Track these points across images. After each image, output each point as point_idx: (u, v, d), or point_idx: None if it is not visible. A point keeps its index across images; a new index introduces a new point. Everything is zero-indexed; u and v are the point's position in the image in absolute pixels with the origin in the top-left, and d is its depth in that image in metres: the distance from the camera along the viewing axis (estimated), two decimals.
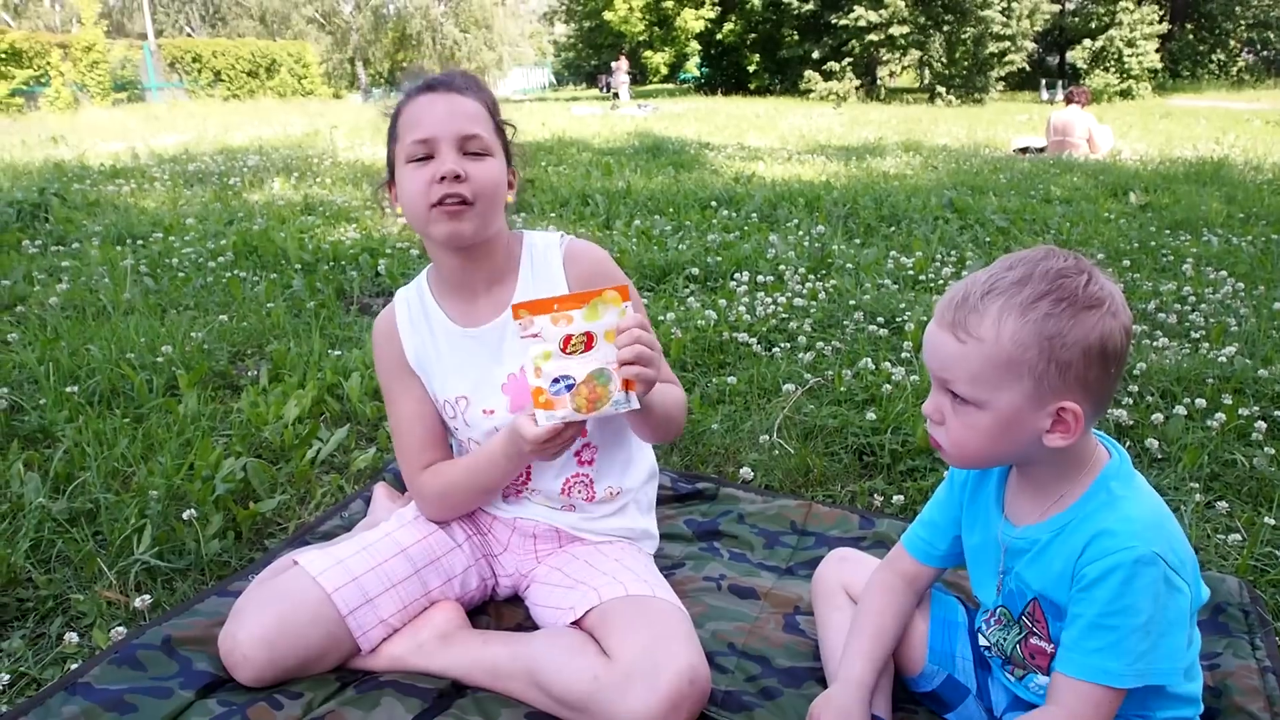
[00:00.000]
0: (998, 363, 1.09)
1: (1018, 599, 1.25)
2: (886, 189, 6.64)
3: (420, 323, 1.65)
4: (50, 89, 20.10)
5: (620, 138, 11.08)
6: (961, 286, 1.15)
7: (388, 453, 2.42)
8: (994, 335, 1.09)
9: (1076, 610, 1.12)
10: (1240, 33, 29.26)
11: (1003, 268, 1.13)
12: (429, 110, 1.51)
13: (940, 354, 1.14)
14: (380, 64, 37.88)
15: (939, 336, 1.15)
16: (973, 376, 1.11)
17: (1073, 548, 1.14)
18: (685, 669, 1.33)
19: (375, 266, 4.34)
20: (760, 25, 28.08)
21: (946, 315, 1.14)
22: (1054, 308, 1.08)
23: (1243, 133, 11.79)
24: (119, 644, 1.57)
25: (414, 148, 1.49)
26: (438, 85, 1.53)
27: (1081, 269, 1.10)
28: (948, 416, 1.16)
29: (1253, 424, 2.46)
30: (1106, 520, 1.12)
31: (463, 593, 1.65)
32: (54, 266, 4.30)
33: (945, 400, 1.16)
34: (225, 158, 8.96)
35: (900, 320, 3.42)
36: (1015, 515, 1.25)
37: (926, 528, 1.42)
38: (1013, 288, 1.09)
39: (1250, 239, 4.92)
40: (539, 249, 1.65)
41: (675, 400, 1.61)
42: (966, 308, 1.12)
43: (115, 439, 2.36)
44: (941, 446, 1.20)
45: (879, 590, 1.43)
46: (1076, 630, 1.12)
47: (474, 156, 1.51)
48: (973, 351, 1.11)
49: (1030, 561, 1.21)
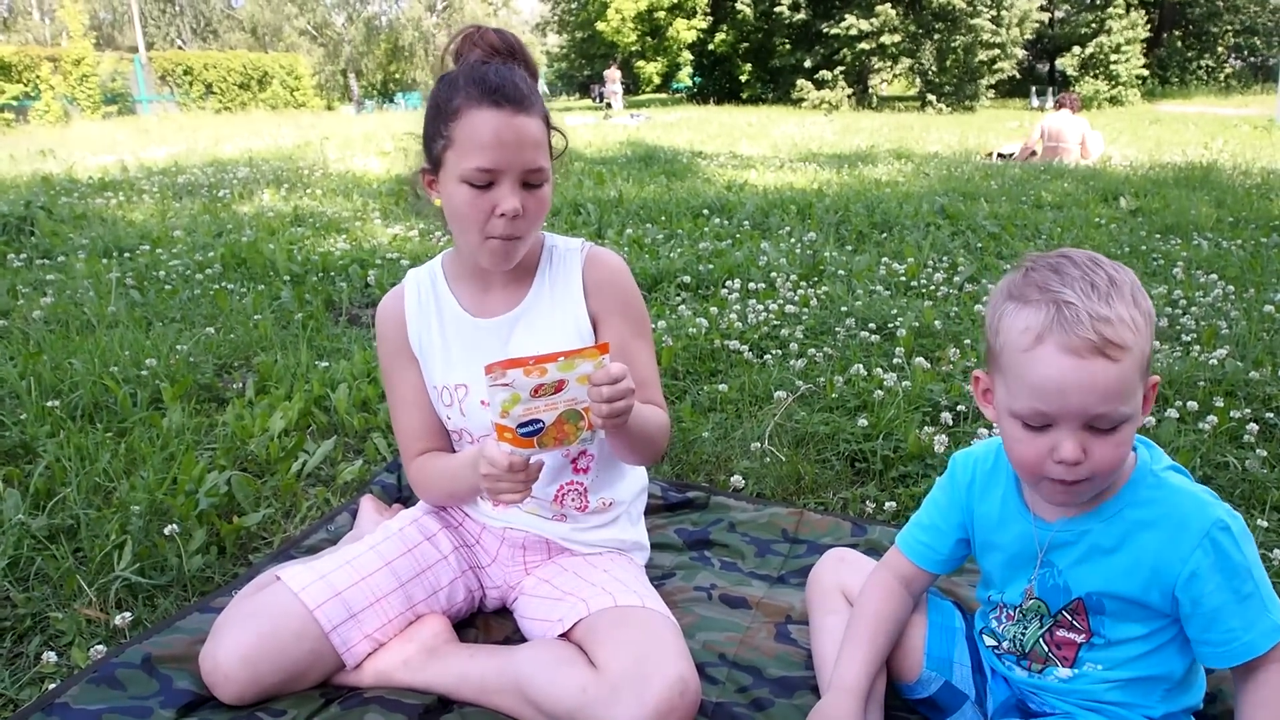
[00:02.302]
0: (1140, 363, 1.06)
1: (1059, 595, 1.22)
2: (878, 196, 6.64)
3: (429, 306, 1.63)
4: (40, 102, 20.06)
5: (613, 147, 11.08)
6: (1066, 310, 1.04)
7: (375, 464, 2.40)
8: (1134, 338, 1.04)
9: (1212, 605, 1.11)
10: (1227, 39, 29.48)
11: (1079, 279, 1.06)
12: (495, 134, 1.41)
13: (1097, 385, 1.03)
14: (373, 76, 37.90)
15: (1087, 367, 1.03)
16: (1131, 389, 1.05)
17: (1145, 538, 1.13)
18: (675, 680, 1.30)
19: (365, 277, 4.32)
20: (752, 35, 28.20)
21: (1086, 339, 1.02)
22: (1139, 290, 1.08)
23: (1231, 138, 11.85)
24: (98, 663, 1.54)
25: (475, 174, 1.43)
26: (504, 101, 1.42)
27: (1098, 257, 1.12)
28: (1093, 450, 1.07)
29: (1244, 426, 2.45)
30: (1177, 505, 1.13)
31: (449, 605, 1.62)
32: (39, 280, 4.27)
33: (1086, 434, 1.07)
34: (215, 170, 8.94)
35: (892, 326, 3.41)
36: (1046, 510, 1.21)
37: (926, 531, 1.38)
38: (1112, 287, 1.05)
39: (1240, 243, 4.93)
40: (560, 251, 1.64)
41: (657, 425, 1.57)
42: (1100, 323, 1.02)
43: (97, 454, 2.33)
44: (1081, 481, 1.09)
45: (877, 593, 1.39)
46: (1227, 619, 1.11)
47: (533, 188, 1.47)
48: (1127, 364, 1.03)
49: (1082, 557, 1.18)
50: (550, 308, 1.60)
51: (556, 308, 1.60)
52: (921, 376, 2.83)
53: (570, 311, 1.60)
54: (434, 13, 37.71)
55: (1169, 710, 1.20)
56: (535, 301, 1.60)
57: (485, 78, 1.44)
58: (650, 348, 1.67)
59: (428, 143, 1.52)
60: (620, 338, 1.60)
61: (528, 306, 1.60)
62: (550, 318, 1.60)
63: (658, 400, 1.64)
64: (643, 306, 1.67)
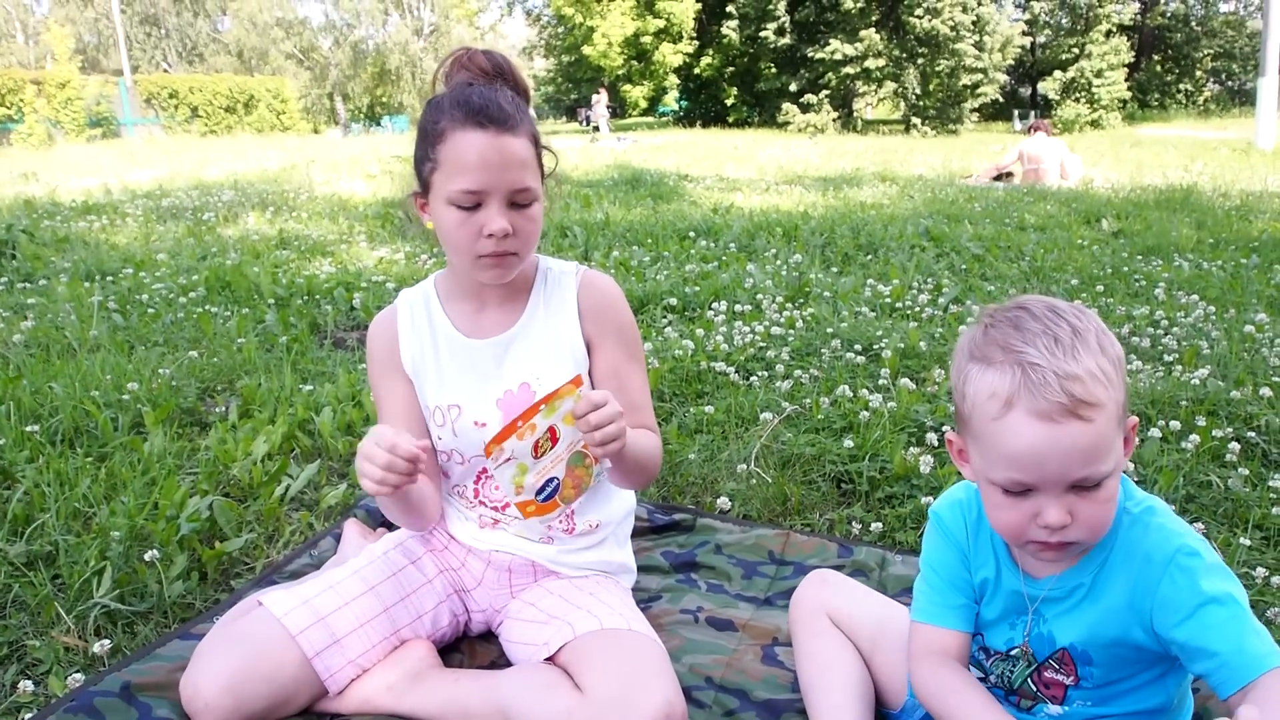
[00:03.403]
0: (1115, 418, 1.02)
1: (1044, 644, 1.19)
2: (863, 218, 6.69)
3: (422, 326, 1.63)
4: (23, 125, 20.00)
5: (599, 170, 11.13)
6: (1021, 372, 1.01)
7: (359, 488, 2.38)
8: (1105, 393, 1.00)
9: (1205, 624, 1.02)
10: (1206, 63, 29.95)
11: (1040, 334, 1.02)
12: (480, 156, 1.42)
13: (1074, 449, 0.99)
14: (359, 99, 38.03)
15: (1062, 432, 0.99)
16: (1108, 447, 1.01)
17: (1118, 581, 1.10)
18: (661, 704, 1.29)
19: (350, 300, 4.31)
20: (738, 59, 28.52)
21: (1056, 403, 0.98)
22: (1105, 338, 1.04)
23: (1210, 160, 11.99)
24: (76, 691, 1.51)
25: (461, 196, 1.43)
26: (488, 123, 1.42)
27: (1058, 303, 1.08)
28: (1078, 512, 1.04)
29: (1226, 445, 2.46)
30: (1143, 539, 1.09)
31: (434, 630, 1.61)
32: (19, 304, 4.24)
33: (1069, 496, 1.03)
34: (200, 193, 8.92)
35: (878, 347, 3.42)
36: (1034, 568, 1.18)
37: (955, 591, 1.25)
38: (1077, 340, 1.01)
39: (1220, 264, 4.97)
40: (554, 273, 1.64)
41: (651, 449, 1.57)
42: (1068, 381, 0.98)
43: (77, 479, 2.30)
44: (1070, 543, 1.06)
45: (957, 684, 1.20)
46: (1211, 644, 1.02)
47: (521, 208, 1.47)
48: (1101, 423, 1.00)
49: (1068, 610, 1.15)
50: (544, 329, 1.60)
51: (550, 329, 1.60)
52: (907, 397, 2.83)
53: (564, 333, 1.60)
54: (421, 37, 37.93)
55: None
56: (529, 323, 1.60)
57: (469, 100, 1.45)
58: (643, 372, 1.67)
59: (417, 166, 1.53)
60: (615, 361, 1.61)
61: (522, 328, 1.60)
62: (544, 339, 1.60)
63: (650, 424, 1.64)
64: (636, 331, 1.68)
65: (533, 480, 1.33)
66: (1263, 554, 1.99)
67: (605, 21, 30.04)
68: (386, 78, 37.25)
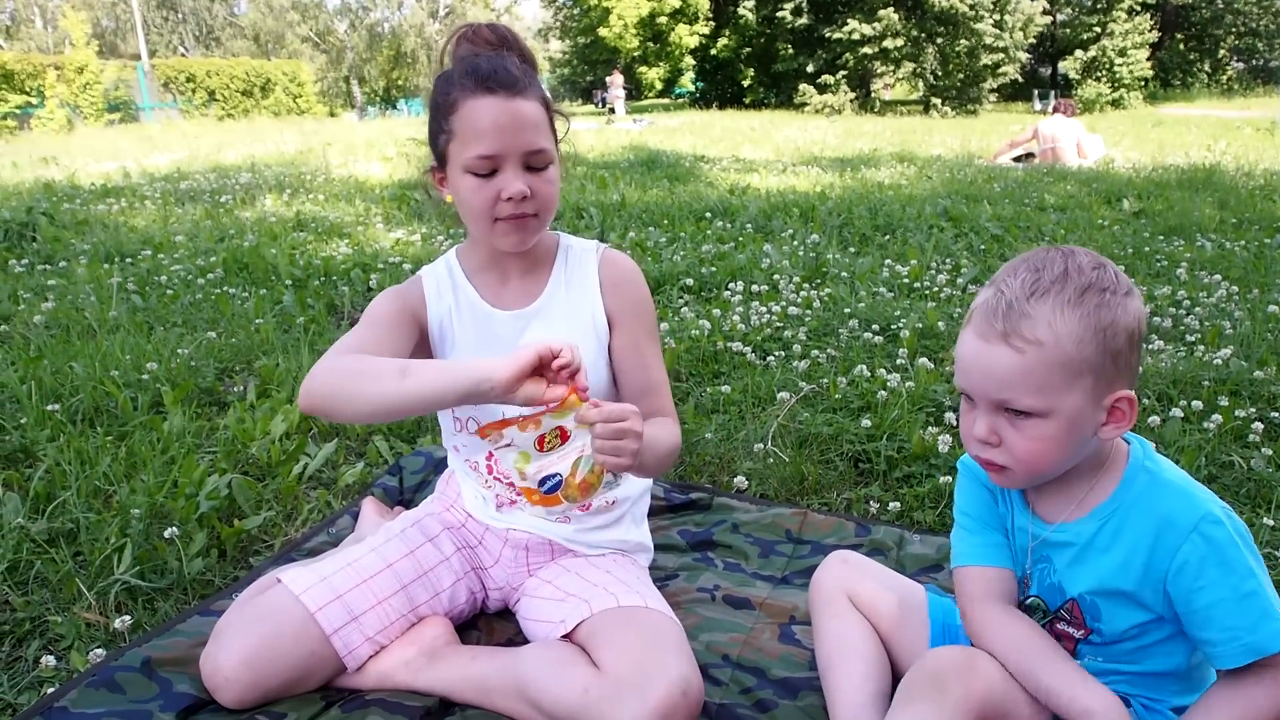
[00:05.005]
0: (1061, 364, 1.06)
1: (1055, 594, 1.22)
2: (881, 199, 6.63)
3: (448, 294, 1.62)
4: (44, 110, 20.10)
5: (615, 151, 11.09)
6: (994, 296, 1.10)
7: (377, 467, 2.39)
8: (1053, 337, 1.06)
9: (1205, 601, 1.07)
10: (1229, 42, 29.47)
11: (1029, 270, 1.10)
12: (493, 120, 1.43)
13: (994, 369, 1.08)
14: (375, 82, 37.98)
15: (989, 352, 1.09)
16: (1038, 385, 1.07)
17: (1137, 534, 1.12)
18: (677, 680, 1.29)
19: (367, 281, 4.31)
20: (754, 40, 28.26)
21: (994, 326, 1.08)
22: (1100, 298, 1.07)
23: (1234, 140, 11.83)
24: (97, 666, 1.53)
25: (477, 163, 1.44)
26: (498, 88, 1.43)
27: (1100, 260, 1.11)
28: (1006, 435, 1.11)
29: (1249, 425, 2.44)
30: (1165, 499, 1.12)
31: (451, 607, 1.61)
32: (40, 286, 4.27)
33: (1000, 419, 1.11)
34: (217, 176, 8.94)
35: (895, 327, 3.40)
36: (1046, 512, 1.22)
37: (990, 530, 1.28)
38: (1055, 285, 1.07)
39: (1243, 243, 4.91)
40: (575, 250, 1.65)
41: (667, 441, 1.55)
42: (1015, 315, 1.07)
43: (97, 458, 2.32)
44: (1004, 468, 1.14)
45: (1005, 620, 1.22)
46: (1224, 617, 1.07)
47: (537, 170, 1.47)
48: (1033, 358, 1.06)
49: (1075, 559, 1.18)
50: (566, 304, 1.61)
51: (573, 304, 1.61)
52: (925, 377, 2.81)
53: (587, 308, 1.61)
54: (436, 19, 37.83)
55: (1184, 704, 1.19)
56: (551, 298, 1.61)
57: (477, 67, 1.45)
58: (660, 351, 1.67)
59: (432, 140, 1.53)
60: (635, 338, 1.62)
61: (544, 302, 1.60)
62: (567, 314, 1.60)
63: (667, 405, 1.63)
64: (653, 311, 1.68)
65: (534, 470, 1.31)
66: None
67: (620, 3, 29.83)
68: (402, 61, 37.17)
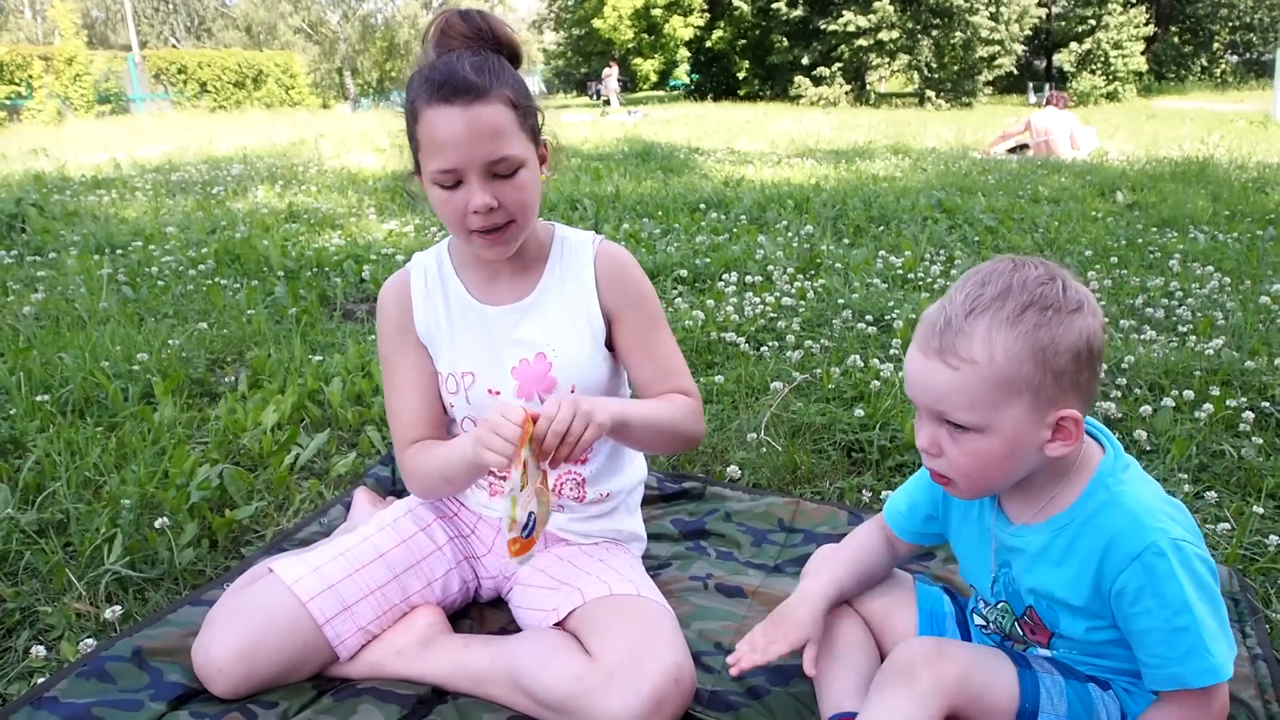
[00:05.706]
0: (995, 383, 1.06)
1: (1016, 600, 1.24)
2: (875, 190, 6.63)
3: (436, 292, 1.60)
4: (33, 101, 19.96)
5: (610, 143, 11.06)
6: (938, 311, 1.11)
7: (369, 457, 2.38)
8: (987, 355, 1.05)
9: (1139, 626, 1.09)
10: (1224, 35, 29.48)
11: (975, 285, 1.09)
12: (449, 134, 1.36)
13: (931, 385, 1.10)
14: (369, 74, 37.76)
15: (927, 366, 1.10)
16: (971, 401, 1.07)
17: (1086, 553, 1.12)
18: (670, 668, 1.30)
19: (360, 272, 4.30)
20: (749, 31, 28.17)
21: (931, 343, 1.09)
22: (1041, 317, 1.06)
23: (1227, 133, 11.84)
24: (87, 656, 1.52)
25: (439, 176, 1.40)
26: (454, 96, 1.36)
27: (1053, 274, 1.09)
28: (946, 448, 1.12)
29: (1240, 415, 2.45)
30: (1115, 522, 1.10)
31: (444, 596, 1.61)
32: (30, 277, 4.24)
33: (940, 431, 1.12)
34: (209, 167, 8.90)
35: (889, 318, 3.40)
36: (1011, 510, 1.22)
37: (905, 502, 1.41)
38: (995, 303, 1.06)
39: (1236, 235, 4.92)
40: (571, 243, 1.62)
41: (671, 415, 1.53)
42: (951, 332, 1.07)
43: (87, 448, 2.31)
44: (948, 479, 1.15)
45: (860, 532, 1.46)
46: (1154, 645, 1.09)
47: (504, 178, 1.41)
48: (967, 376, 1.06)
49: (1028, 564, 1.19)
50: (560, 299, 1.58)
51: (567, 299, 1.58)
52: None
53: (581, 304, 1.58)
54: (429, 10, 37.63)
55: None
56: (545, 292, 1.58)
57: (432, 75, 1.39)
58: (669, 335, 1.64)
59: (411, 144, 1.50)
60: (640, 332, 1.59)
61: (538, 296, 1.58)
62: (560, 309, 1.58)
63: (687, 386, 1.61)
64: (656, 298, 1.64)
65: (522, 515, 1.29)
66: (1275, 522, 1.98)
67: None
68: (396, 52, 36.94)
